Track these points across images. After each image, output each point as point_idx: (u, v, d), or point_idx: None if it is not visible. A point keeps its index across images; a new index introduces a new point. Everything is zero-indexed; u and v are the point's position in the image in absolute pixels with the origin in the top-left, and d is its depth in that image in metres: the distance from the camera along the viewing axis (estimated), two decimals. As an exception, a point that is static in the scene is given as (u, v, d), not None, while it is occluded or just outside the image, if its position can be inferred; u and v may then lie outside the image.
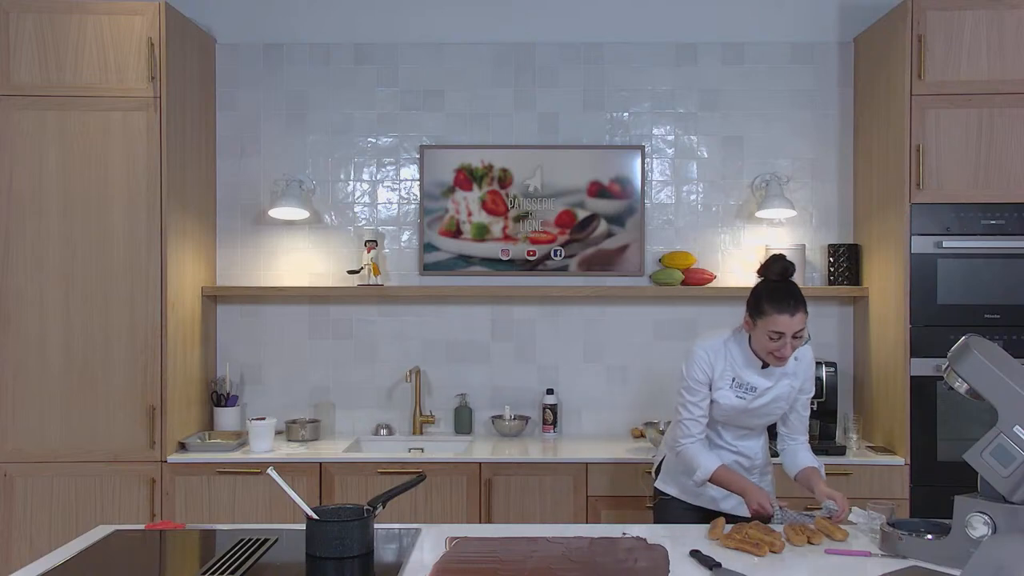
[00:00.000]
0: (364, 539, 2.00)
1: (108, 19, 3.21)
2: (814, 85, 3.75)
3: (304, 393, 3.78)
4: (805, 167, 3.75)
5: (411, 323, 3.78)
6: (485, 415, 3.75)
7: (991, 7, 3.20)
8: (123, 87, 3.21)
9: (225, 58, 3.78)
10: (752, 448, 2.56)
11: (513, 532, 2.21)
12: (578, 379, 3.76)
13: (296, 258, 3.78)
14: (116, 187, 3.22)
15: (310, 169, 3.79)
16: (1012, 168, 3.21)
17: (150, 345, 3.22)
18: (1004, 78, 3.20)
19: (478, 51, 3.78)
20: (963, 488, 2.09)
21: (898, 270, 3.27)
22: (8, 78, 3.19)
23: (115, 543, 2.13)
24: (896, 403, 3.28)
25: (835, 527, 2.17)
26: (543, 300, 3.76)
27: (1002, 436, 1.92)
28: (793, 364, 2.45)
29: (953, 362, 2.03)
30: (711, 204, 3.77)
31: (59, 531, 3.20)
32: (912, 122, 3.21)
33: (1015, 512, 1.88)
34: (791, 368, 2.45)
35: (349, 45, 3.79)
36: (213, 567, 1.92)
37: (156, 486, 3.22)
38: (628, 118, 3.77)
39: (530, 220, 3.74)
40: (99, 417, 3.21)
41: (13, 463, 3.20)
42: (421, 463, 3.23)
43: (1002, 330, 3.20)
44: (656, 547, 2.07)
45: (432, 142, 3.78)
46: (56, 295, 3.20)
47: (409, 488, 2.14)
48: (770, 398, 2.45)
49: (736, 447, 2.55)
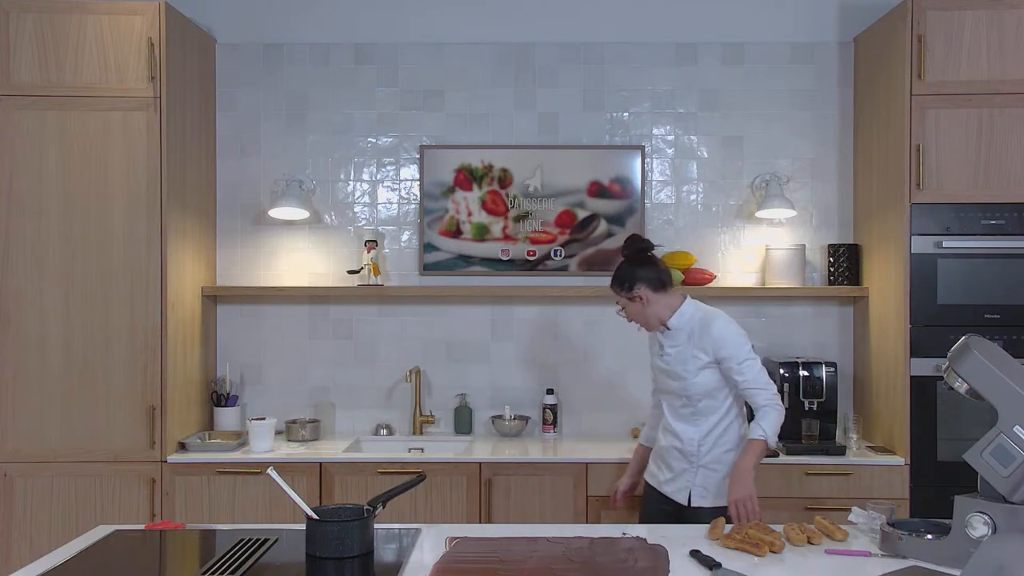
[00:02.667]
0: (364, 539, 2.00)
1: (108, 19, 3.21)
2: (814, 85, 3.75)
3: (304, 393, 3.78)
4: (805, 167, 3.75)
5: (411, 323, 3.78)
6: (485, 415, 3.75)
7: (991, 7, 3.20)
8: (123, 87, 3.21)
9: (225, 58, 3.79)
10: (686, 432, 2.67)
11: (513, 532, 2.21)
12: (578, 379, 3.76)
13: (296, 258, 3.78)
14: (116, 187, 3.22)
15: (310, 169, 3.79)
16: (1012, 168, 3.21)
17: (150, 345, 3.22)
18: (1004, 78, 3.20)
19: (478, 51, 3.78)
20: (963, 488, 2.09)
21: (898, 270, 3.27)
22: (8, 78, 3.19)
23: (115, 543, 2.13)
24: (896, 403, 3.28)
25: (835, 527, 2.17)
26: (543, 300, 3.76)
27: (1002, 436, 1.92)
28: (694, 332, 2.64)
29: (953, 362, 2.03)
30: (711, 204, 3.77)
31: (59, 531, 3.20)
32: (912, 122, 3.21)
33: (1015, 512, 1.88)
34: (688, 336, 2.64)
35: (349, 45, 3.79)
36: (213, 567, 1.92)
37: (156, 486, 3.22)
38: (628, 118, 3.77)
39: (530, 220, 3.74)
40: (99, 417, 3.21)
41: (13, 463, 3.20)
42: (421, 463, 3.24)
43: (1002, 330, 3.20)
44: (656, 547, 2.07)
45: (432, 142, 3.78)
46: (56, 295, 3.20)
47: (409, 488, 2.14)
48: (673, 356, 2.67)
49: (673, 428, 2.71)
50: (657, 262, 2.70)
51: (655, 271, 2.66)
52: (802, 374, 3.36)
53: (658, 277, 2.66)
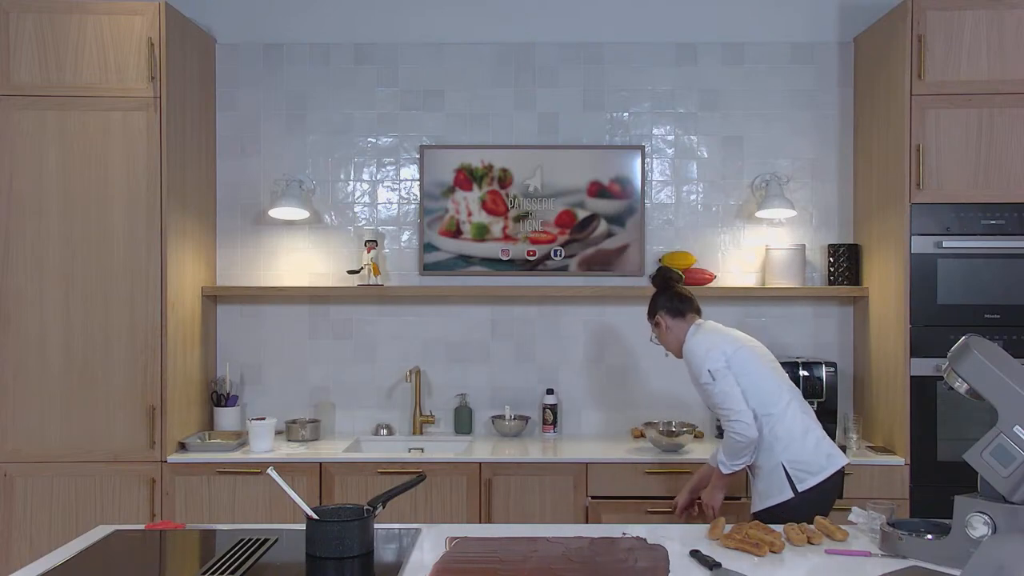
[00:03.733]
0: (364, 539, 2.00)
1: (108, 19, 3.21)
2: (814, 85, 3.75)
3: (304, 393, 3.78)
4: (805, 167, 3.75)
5: (411, 323, 3.78)
6: (485, 415, 3.75)
7: (991, 7, 3.20)
8: (123, 87, 3.21)
9: (225, 58, 3.79)
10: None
11: (513, 532, 2.21)
12: (578, 379, 3.76)
13: (296, 258, 3.78)
14: (116, 187, 3.22)
15: (310, 169, 3.79)
16: (1012, 168, 3.21)
17: (150, 345, 3.22)
18: (1004, 78, 3.20)
19: (478, 51, 3.78)
20: (963, 488, 2.09)
21: (898, 270, 3.27)
22: (8, 78, 3.19)
23: (115, 543, 2.13)
24: (896, 403, 3.28)
25: (835, 527, 2.17)
26: (543, 300, 3.76)
27: (1002, 436, 1.92)
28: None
29: (953, 362, 2.03)
30: (711, 204, 3.77)
31: (59, 531, 3.20)
32: (912, 122, 3.21)
33: (1015, 512, 1.88)
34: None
35: (349, 45, 3.79)
36: (213, 567, 1.92)
37: (156, 486, 3.22)
38: (628, 118, 3.77)
39: (530, 220, 3.74)
40: (99, 417, 3.21)
41: (13, 463, 3.20)
42: (421, 463, 3.24)
43: (1002, 330, 3.20)
44: (656, 547, 2.07)
45: (432, 142, 3.78)
46: (56, 295, 3.20)
47: (409, 488, 2.14)
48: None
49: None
50: (679, 291, 2.86)
51: (674, 299, 2.83)
52: (802, 374, 3.37)
53: (675, 304, 2.82)
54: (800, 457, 2.57)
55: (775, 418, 2.61)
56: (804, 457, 2.57)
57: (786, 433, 2.59)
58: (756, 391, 2.62)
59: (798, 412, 2.64)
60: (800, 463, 2.56)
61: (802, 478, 2.55)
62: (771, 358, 2.75)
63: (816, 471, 2.55)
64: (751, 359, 2.67)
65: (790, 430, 2.59)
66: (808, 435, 2.60)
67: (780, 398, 2.63)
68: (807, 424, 2.63)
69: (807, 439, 2.59)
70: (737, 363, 2.64)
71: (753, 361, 2.67)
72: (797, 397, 2.69)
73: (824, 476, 2.55)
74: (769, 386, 2.64)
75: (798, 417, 2.62)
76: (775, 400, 2.62)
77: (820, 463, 2.56)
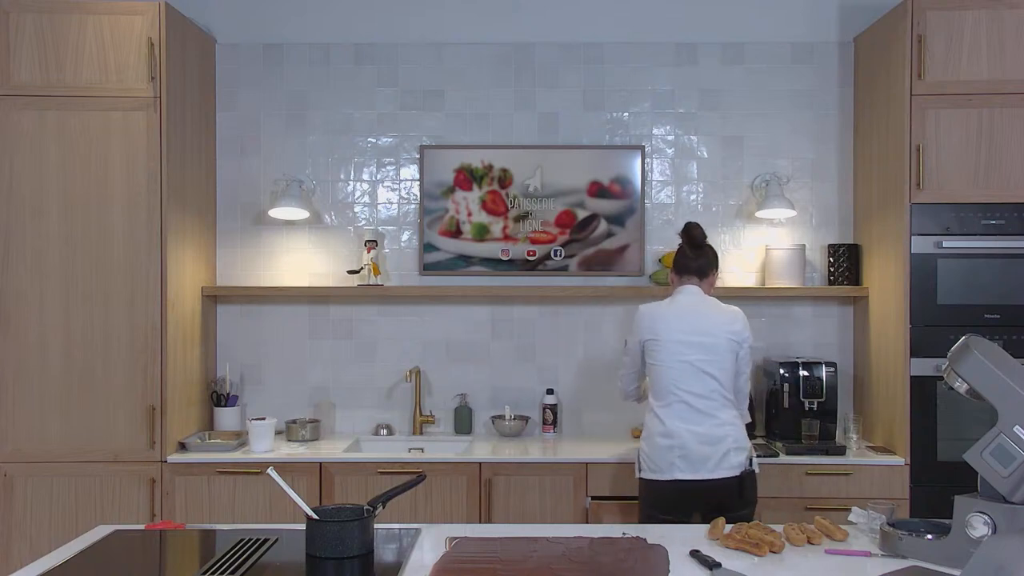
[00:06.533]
0: (364, 539, 2.00)
1: (108, 19, 3.21)
2: (814, 85, 3.75)
3: (304, 393, 3.78)
4: (805, 167, 3.75)
5: (411, 323, 3.78)
6: (485, 415, 3.75)
7: (991, 7, 3.20)
8: (123, 87, 3.21)
9: (225, 58, 3.79)
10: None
11: (513, 532, 2.21)
12: (578, 379, 3.76)
13: (296, 258, 3.78)
14: (116, 187, 3.22)
15: (310, 169, 3.79)
16: (1012, 168, 3.21)
17: (150, 345, 3.22)
18: (1004, 78, 3.20)
19: (478, 51, 3.78)
20: (963, 488, 2.09)
21: (898, 270, 3.27)
22: (8, 78, 3.19)
23: (115, 543, 2.13)
24: (896, 403, 3.28)
25: (835, 527, 2.17)
26: (543, 300, 3.76)
27: (1002, 436, 1.92)
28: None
29: (953, 362, 2.03)
30: (711, 204, 3.77)
31: (59, 531, 3.20)
32: (912, 122, 3.21)
33: (1015, 512, 1.88)
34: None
35: (349, 45, 3.79)
36: (213, 567, 1.92)
37: (156, 486, 3.22)
38: (628, 118, 3.78)
39: (530, 220, 3.74)
40: (99, 417, 3.21)
41: (13, 463, 3.20)
42: (421, 463, 3.24)
43: (1002, 330, 3.20)
44: (656, 547, 2.07)
45: (432, 142, 3.78)
46: (56, 295, 3.20)
47: (409, 488, 2.14)
48: None
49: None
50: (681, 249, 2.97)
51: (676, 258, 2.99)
52: (802, 374, 3.36)
53: (676, 262, 2.98)
54: (648, 451, 2.79)
55: (653, 408, 2.83)
56: (651, 452, 2.78)
57: (650, 424, 2.82)
58: (653, 380, 2.85)
59: (673, 415, 2.76)
60: (646, 454, 2.79)
61: (644, 467, 2.80)
62: (693, 360, 2.77)
63: (655, 469, 2.76)
64: (661, 354, 2.81)
65: (652, 425, 2.80)
66: (663, 439, 2.75)
67: (664, 398, 2.79)
68: (672, 430, 2.75)
69: (661, 441, 2.75)
70: (649, 351, 2.85)
71: (661, 355, 2.81)
72: (690, 404, 2.76)
73: (660, 477, 2.75)
74: (663, 383, 2.80)
75: (669, 419, 2.76)
76: (661, 395, 2.81)
77: (661, 465, 2.74)
